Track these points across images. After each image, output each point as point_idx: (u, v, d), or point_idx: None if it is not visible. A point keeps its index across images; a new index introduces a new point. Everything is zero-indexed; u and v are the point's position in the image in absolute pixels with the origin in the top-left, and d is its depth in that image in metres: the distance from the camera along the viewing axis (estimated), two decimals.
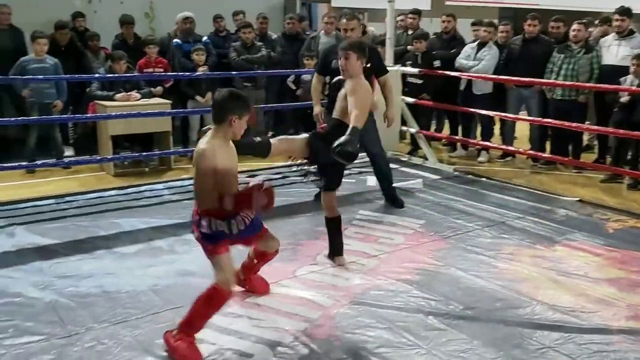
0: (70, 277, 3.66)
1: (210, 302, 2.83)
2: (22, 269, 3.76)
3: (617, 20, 6.35)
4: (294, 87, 7.26)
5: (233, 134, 2.86)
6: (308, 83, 6.84)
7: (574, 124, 5.76)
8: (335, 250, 3.96)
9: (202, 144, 2.81)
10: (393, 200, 5.19)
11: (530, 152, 6.57)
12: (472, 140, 7.14)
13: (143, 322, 3.11)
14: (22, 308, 3.26)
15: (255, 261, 3.39)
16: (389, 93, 4.99)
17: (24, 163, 5.72)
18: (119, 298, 3.39)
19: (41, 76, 5.93)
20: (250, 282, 3.47)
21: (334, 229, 3.94)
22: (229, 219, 2.85)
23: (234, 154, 2.92)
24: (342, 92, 3.73)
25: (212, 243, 2.88)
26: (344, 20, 5.03)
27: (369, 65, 4.41)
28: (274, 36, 7.84)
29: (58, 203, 5.09)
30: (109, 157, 6.04)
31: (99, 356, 2.80)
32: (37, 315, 3.18)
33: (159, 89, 6.65)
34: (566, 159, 6.39)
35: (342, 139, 3.34)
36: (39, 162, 6.09)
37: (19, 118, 6.08)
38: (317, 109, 5.08)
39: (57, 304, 3.31)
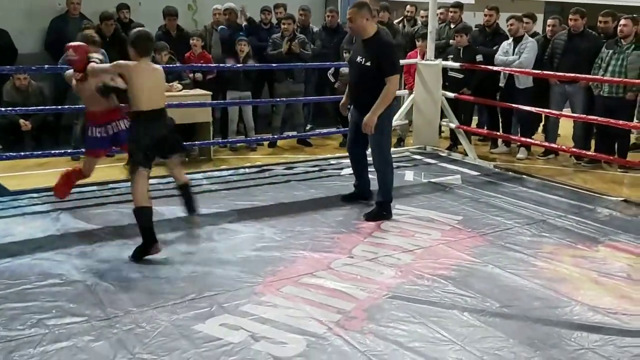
0: (111, 261, 3.76)
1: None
2: (66, 252, 3.87)
3: None
4: (333, 80, 7.26)
5: None
6: (347, 76, 6.84)
7: (621, 122, 5.59)
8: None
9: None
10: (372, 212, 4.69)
11: (574, 149, 6.41)
12: (513, 137, 7.01)
13: (180, 308, 3.18)
14: (65, 290, 3.36)
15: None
16: (382, 96, 4.41)
17: (69, 150, 5.88)
18: (158, 283, 3.47)
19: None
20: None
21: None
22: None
23: None
24: None
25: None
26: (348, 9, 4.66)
27: (366, 62, 4.39)
28: (315, 29, 7.86)
29: (101, 190, 5.23)
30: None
31: (137, 339, 2.87)
32: (79, 297, 3.28)
33: (199, 75, 6.78)
34: (611, 157, 6.21)
35: None
36: (84, 150, 6.24)
37: (66, 107, 6.26)
38: (343, 100, 5.04)
39: (98, 287, 3.40)
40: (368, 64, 4.42)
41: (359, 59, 4.50)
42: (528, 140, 6.76)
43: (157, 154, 3.92)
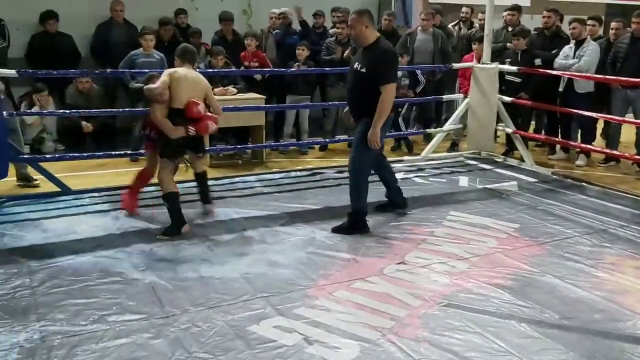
0: (169, 261, 3.85)
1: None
2: (126, 250, 3.99)
3: None
4: None
5: None
6: (398, 80, 6.81)
7: None
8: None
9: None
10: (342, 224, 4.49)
11: (637, 157, 6.16)
12: (572, 143, 6.80)
13: (235, 308, 3.22)
14: (124, 287, 3.46)
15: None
16: (379, 108, 4.22)
17: (129, 152, 6.06)
18: (213, 284, 3.53)
19: (147, 70, 6.25)
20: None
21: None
22: None
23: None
24: None
25: None
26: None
27: (362, 69, 4.24)
28: None
29: (159, 191, 5.34)
30: (206, 148, 6.25)
31: (193, 337, 2.93)
32: (138, 295, 3.37)
33: (259, 75, 6.91)
34: None
35: None
36: (143, 152, 6.42)
37: (126, 109, 6.45)
38: (347, 108, 4.92)
39: (156, 285, 3.49)
40: (363, 70, 4.27)
41: (356, 65, 4.36)
42: (588, 146, 6.54)
43: (185, 149, 4.45)
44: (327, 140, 7.25)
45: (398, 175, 6.01)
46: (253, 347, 2.86)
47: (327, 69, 6.90)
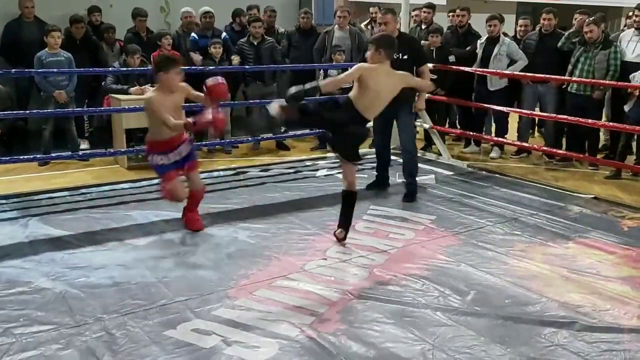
0: (82, 268, 3.70)
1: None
2: (35, 259, 3.80)
3: (636, 15, 6.24)
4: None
5: (167, 86, 4.05)
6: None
7: (590, 120, 5.66)
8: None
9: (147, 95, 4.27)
10: (408, 195, 5.22)
11: (545, 148, 6.49)
12: (485, 136, 7.08)
13: (150, 314, 3.13)
14: (33, 298, 3.30)
15: (190, 201, 4.38)
16: (423, 84, 4.90)
17: (39, 155, 5.78)
18: (129, 289, 3.42)
19: (55, 69, 5.99)
20: (186, 217, 4.45)
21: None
22: (166, 152, 4.15)
23: (172, 99, 4.09)
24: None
25: (161, 173, 4.21)
26: (380, 14, 5.40)
27: (404, 56, 4.91)
28: (281, 30, 7.82)
29: (72, 195, 5.15)
30: (123, 150, 6.08)
31: (106, 346, 2.82)
32: (48, 305, 3.22)
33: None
34: (582, 155, 6.31)
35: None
36: (54, 155, 6.16)
37: (34, 111, 6.16)
38: None
39: (68, 294, 3.35)
40: (405, 57, 4.93)
41: (394, 55, 4.57)
42: (500, 139, 6.83)
43: None
44: (250, 139, 7.20)
45: (321, 172, 6.10)
46: (169, 352, 2.79)
47: (246, 67, 6.85)
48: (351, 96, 4.00)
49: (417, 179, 5.33)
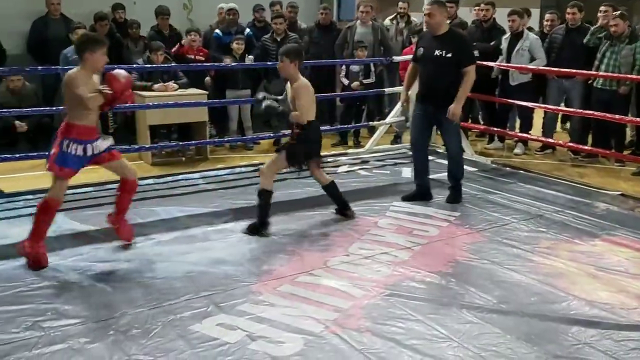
0: (108, 262, 3.75)
1: (44, 212, 3.71)
2: (62, 254, 3.85)
3: None
4: (346, 83, 7.16)
5: (91, 66, 3.70)
6: (355, 74, 6.98)
7: (617, 116, 5.57)
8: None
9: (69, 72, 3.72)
10: (452, 196, 5.03)
11: (571, 144, 6.40)
12: (509, 132, 6.99)
13: (176, 308, 3.16)
14: (60, 292, 3.35)
15: (119, 192, 3.99)
16: (465, 86, 4.65)
17: None
18: (154, 284, 3.45)
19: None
20: (119, 225, 4.00)
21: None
22: (86, 143, 3.71)
23: (93, 82, 3.74)
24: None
25: (61, 166, 3.67)
26: (425, 5, 4.89)
27: (448, 54, 4.61)
28: (303, 25, 7.80)
29: (98, 191, 5.20)
30: (147, 146, 6.13)
31: (132, 340, 2.86)
32: (75, 299, 3.26)
33: (207, 79, 6.93)
34: (608, 151, 6.21)
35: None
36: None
37: (58, 107, 6.22)
38: (404, 97, 5.35)
39: (94, 288, 3.39)
40: (449, 55, 4.61)
41: (437, 52, 4.63)
42: (524, 135, 6.75)
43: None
44: (272, 135, 7.20)
45: (342, 168, 6.08)
46: (195, 346, 2.81)
47: (269, 63, 6.84)
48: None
49: (439, 175, 5.27)
